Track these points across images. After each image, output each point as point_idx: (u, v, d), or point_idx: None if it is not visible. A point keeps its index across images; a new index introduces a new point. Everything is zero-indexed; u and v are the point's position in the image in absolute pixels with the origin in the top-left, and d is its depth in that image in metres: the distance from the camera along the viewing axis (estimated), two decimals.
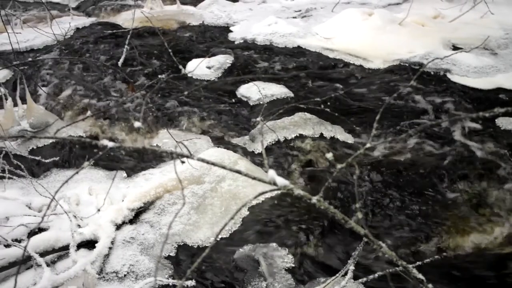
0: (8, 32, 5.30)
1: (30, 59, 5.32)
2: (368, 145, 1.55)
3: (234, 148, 4.93)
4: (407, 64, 6.40)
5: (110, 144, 1.61)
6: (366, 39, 7.03)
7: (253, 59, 6.90)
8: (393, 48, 6.79)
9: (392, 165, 4.51)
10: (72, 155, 4.95)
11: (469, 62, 6.16)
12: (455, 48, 6.84)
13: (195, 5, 9.52)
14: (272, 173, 1.52)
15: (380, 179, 4.31)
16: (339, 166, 1.59)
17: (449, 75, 6.02)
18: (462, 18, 7.48)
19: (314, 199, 1.54)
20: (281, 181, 1.52)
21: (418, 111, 5.30)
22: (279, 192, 1.52)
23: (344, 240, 3.73)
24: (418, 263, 2.30)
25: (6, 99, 5.11)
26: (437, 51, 6.54)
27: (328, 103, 5.39)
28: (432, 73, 6.08)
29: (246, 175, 1.61)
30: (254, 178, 1.60)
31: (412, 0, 7.99)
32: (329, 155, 1.60)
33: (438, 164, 4.49)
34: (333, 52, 6.96)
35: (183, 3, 9.45)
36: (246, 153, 4.87)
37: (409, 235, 3.78)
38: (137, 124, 1.79)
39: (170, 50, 2.69)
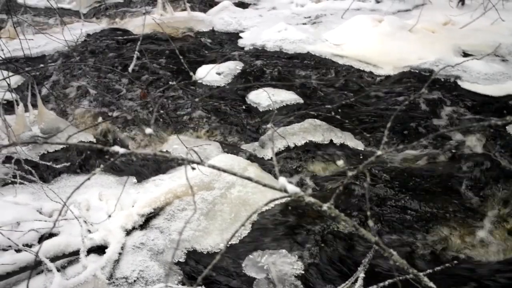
0: (20, 39, 5.34)
1: (41, 65, 5.36)
2: (379, 153, 1.55)
3: (243, 154, 4.94)
4: (417, 71, 6.39)
5: (122, 150, 1.62)
6: (376, 46, 7.03)
7: (262, 65, 6.91)
8: (403, 54, 6.79)
9: (403, 172, 4.50)
10: (82, 160, 4.97)
11: (480, 69, 6.14)
12: (466, 54, 6.82)
13: (205, 11, 9.56)
14: (283, 180, 1.52)
15: (391, 187, 4.30)
16: (350, 173, 1.59)
17: (459, 82, 6.00)
18: (472, 25, 7.45)
19: (325, 207, 1.53)
20: (291, 188, 1.52)
21: (429, 118, 5.28)
22: (289, 198, 1.51)
23: (354, 247, 3.72)
24: (429, 271, 2.29)
25: (18, 104, 5.15)
26: (448, 57, 6.53)
27: (339, 110, 5.38)
28: (443, 80, 6.06)
29: (257, 182, 1.61)
30: (265, 185, 1.60)
31: (422, 6, 7.99)
32: (340, 163, 1.60)
33: (449, 171, 4.47)
34: (342, 58, 6.97)
35: (193, 9, 9.49)
36: (255, 159, 4.87)
37: (420, 242, 3.76)
38: (148, 130, 1.80)
39: (181, 57, 2.70)
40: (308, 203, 1.53)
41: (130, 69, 3.63)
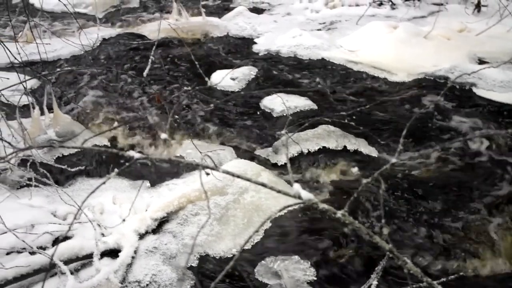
0: (36, 43, 5.39)
1: (58, 69, 5.40)
2: (394, 161, 1.54)
3: (257, 159, 4.94)
4: (432, 78, 6.36)
5: (137, 155, 1.63)
6: (391, 52, 7.01)
7: (277, 71, 6.91)
8: (418, 61, 6.76)
9: (418, 180, 4.48)
10: (97, 164, 5.00)
11: (495, 77, 6.09)
12: (481, 62, 6.78)
13: (220, 16, 9.59)
14: (297, 187, 1.52)
15: (405, 194, 4.27)
16: (364, 180, 1.59)
17: (474, 89, 5.97)
18: (488, 32, 7.41)
19: (339, 214, 1.53)
20: (306, 195, 1.52)
21: (444, 126, 5.25)
22: (302, 205, 1.51)
23: (368, 254, 3.70)
24: (443, 279, 2.28)
25: (34, 108, 5.19)
26: (463, 65, 6.49)
27: (354, 117, 5.36)
28: (458, 87, 6.02)
29: (271, 188, 1.61)
30: (279, 192, 1.60)
31: (438, 13, 7.95)
32: (355, 170, 1.60)
33: (464, 179, 4.44)
34: (357, 64, 6.95)
35: (208, 14, 9.52)
36: (269, 164, 4.87)
37: (434, 251, 3.74)
38: (163, 135, 1.81)
39: (196, 63, 2.71)
40: (322, 210, 1.53)
41: (145, 73, 3.65)
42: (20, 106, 4.96)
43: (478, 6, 8.62)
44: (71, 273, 3.40)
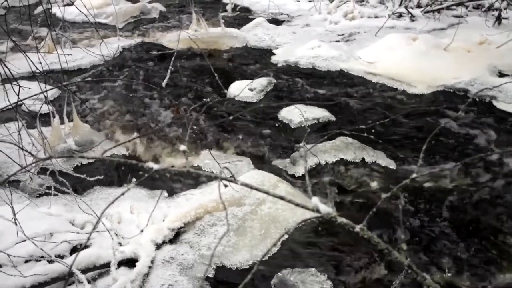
0: (58, 53, 5.45)
1: (78, 79, 5.44)
2: (414, 175, 1.53)
3: (274, 170, 4.92)
4: (451, 90, 6.33)
5: (156, 166, 1.64)
6: (410, 64, 6.98)
7: (295, 82, 6.91)
8: (437, 73, 6.72)
9: (438, 195, 4.43)
10: (115, 173, 5.03)
11: None
12: (502, 74, 6.73)
13: (239, 27, 9.63)
14: (315, 201, 1.51)
15: (425, 209, 4.23)
16: (384, 195, 1.58)
17: (495, 102, 5.92)
18: (509, 44, 7.35)
19: (358, 228, 1.52)
20: (324, 208, 1.51)
21: (464, 140, 5.21)
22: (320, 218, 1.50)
23: (386, 269, 3.66)
24: None
25: (54, 117, 5.24)
26: (483, 77, 6.45)
27: (372, 130, 5.33)
28: (478, 99, 5.98)
29: (289, 201, 1.61)
30: (297, 205, 1.59)
31: (458, 25, 7.91)
32: (374, 183, 1.59)
33: (485, 195, 4.38)
34: (376, 76, 6.93)
35: (227, 25, 9.57)
36: (286, 176, 4.86)
37: (453, 267, 3.69)
38: (182, 147, 1.81)
39: (216, 75, 2.72)
40: (341, 223, 1.52)
41: (163, 84, 3.67)
42: (41, 115, 5.02)
43: (498, 19, 8.57)
44: (89, 282, 3.42)
